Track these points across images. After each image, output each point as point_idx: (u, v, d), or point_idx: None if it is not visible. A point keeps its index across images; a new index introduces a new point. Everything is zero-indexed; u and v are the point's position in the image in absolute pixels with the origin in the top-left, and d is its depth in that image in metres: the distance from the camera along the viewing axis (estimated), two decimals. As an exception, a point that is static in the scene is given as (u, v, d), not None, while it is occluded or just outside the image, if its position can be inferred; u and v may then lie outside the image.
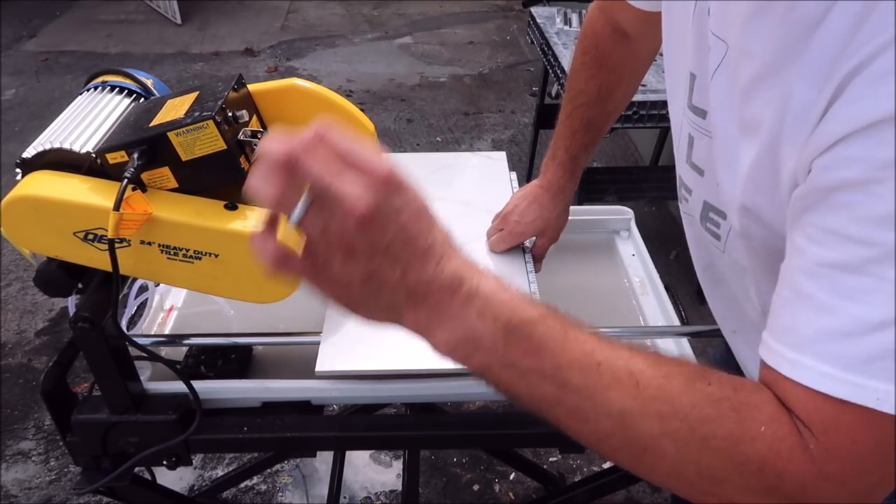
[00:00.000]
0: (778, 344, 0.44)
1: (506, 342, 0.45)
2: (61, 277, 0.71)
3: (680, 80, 0.67)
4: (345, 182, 0.38)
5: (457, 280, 0.44)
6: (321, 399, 0.85)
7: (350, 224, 0.39)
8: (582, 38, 0.92)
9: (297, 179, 0.39)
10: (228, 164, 0.67)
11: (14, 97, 3.55)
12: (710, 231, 0.70)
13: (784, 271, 0.45)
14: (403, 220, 0.41)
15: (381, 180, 0.39)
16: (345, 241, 0.40)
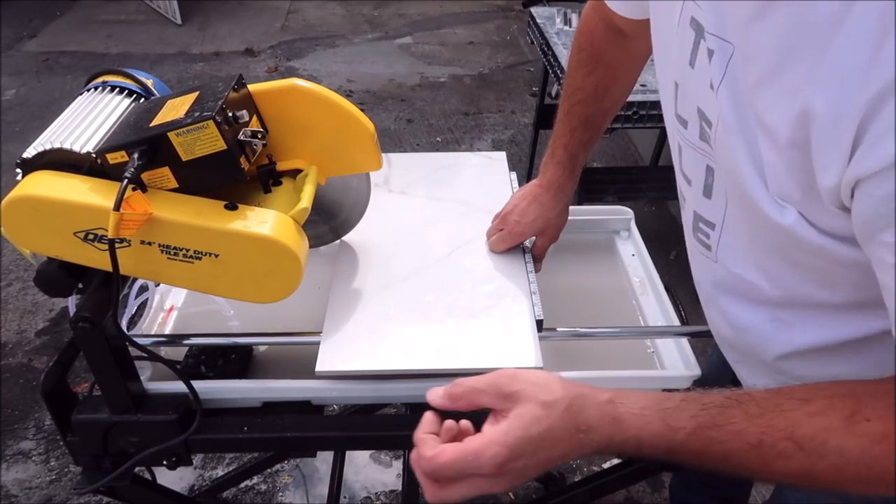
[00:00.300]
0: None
1: (670, 457, 0.54)
2: (61, 277, 0.71)
3: (668, 89, 0.67)
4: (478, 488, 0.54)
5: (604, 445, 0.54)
6: (321, 399, 0.85)
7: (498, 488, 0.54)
8: (578, 36, 0.92)
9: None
10: (229, 164, 0.67)
11: (14, 97, 3.55)
12: (701, 242, 0.70)
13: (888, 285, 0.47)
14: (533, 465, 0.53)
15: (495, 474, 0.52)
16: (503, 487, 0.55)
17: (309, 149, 0.77)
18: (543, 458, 0.53)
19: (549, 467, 0.54)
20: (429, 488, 0.55)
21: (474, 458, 0.52)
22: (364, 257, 0.96)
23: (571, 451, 0.54)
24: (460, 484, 0.53)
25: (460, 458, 0.52)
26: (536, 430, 0.52)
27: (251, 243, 0.67)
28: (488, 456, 0.51)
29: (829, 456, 0.49)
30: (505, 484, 0.53)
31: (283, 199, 0.74)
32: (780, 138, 0.50)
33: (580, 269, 1.11)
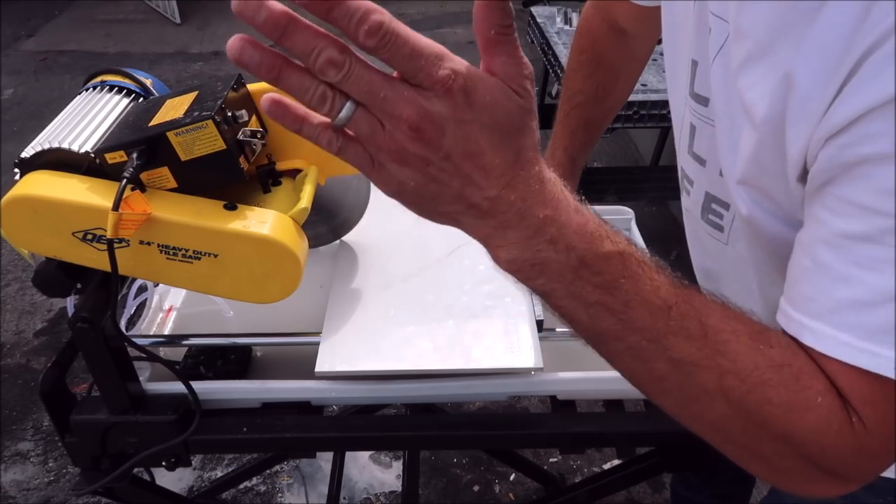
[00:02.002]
0: (798, 313, 0.44)
1: (576, 274, 0.42)
2: (60, 277, 0.70)
3: (681, 68, 0.67)
4: (395, 88, 0.36)
5: (529, 202, 0.40)
6: (321, 399, 0.85)
7: (399, 133, 0.37)
8: (578, 37, 0.91)
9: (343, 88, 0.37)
10: (228, 164, 0.67)
11: (13, 97, 3.54)
12: (712, 223, 0.69)
13: (803, 241, 0.46)
14: (466, 132, 0.37)
15: (441, 88, 0.36)
16: (395, 147, 0.38)
17: (308, 149, 0.77)
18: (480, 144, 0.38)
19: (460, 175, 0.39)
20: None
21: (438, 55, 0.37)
22: (364, 257, 0.96)
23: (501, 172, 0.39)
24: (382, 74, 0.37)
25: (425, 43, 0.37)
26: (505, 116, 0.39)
27: (250, 243, 0.67)
28: (453, 65, 0.37)
29: (723, 357, 0.43)
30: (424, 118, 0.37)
31: (282, 199, 0.74)
32: (756, 115, 0.49)
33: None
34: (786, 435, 0.43)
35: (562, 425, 0.84)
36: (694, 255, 0.79)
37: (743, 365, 0.43)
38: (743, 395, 0.43)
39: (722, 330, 0.44)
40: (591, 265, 0.42)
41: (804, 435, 0.43)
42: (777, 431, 0.43)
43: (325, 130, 0.40)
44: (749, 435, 0.45)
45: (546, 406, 0.88)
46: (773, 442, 0.44)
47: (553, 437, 0.85)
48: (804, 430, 0.43)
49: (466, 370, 0.81)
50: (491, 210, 0.40)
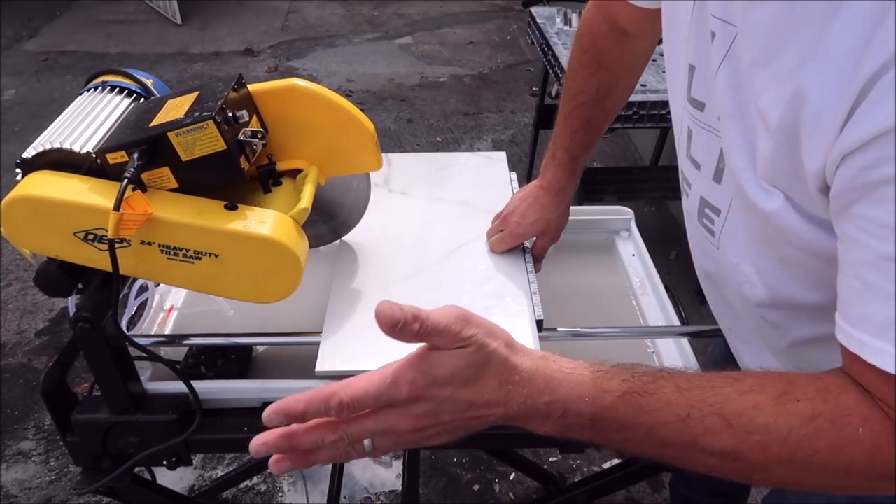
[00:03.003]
0: (858, 332, 0.46)
1: (595, 429, 0.51)
2: (61, 277, 0.71)
3: (680, 72, 0.67)
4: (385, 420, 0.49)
5: (530, 402, 0.50)
6: (321, 399, 0.85)
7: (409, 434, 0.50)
8: (579, 38, 0.91)
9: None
10: (228, 165, 0.67)
11: (14, 97, 3.55)
12: (706, 227, 0.70)
13: (847, 262, 0.48)
14: (453, 401, 0.49)
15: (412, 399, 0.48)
16: (416, 439, 0.51)
17: (309, 149, 0.77)
18: (468, 399, 0.49)
19: (468, 420, 0.50)
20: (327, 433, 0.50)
21: (392, 384, 0.48)
22: (364, 257, 0.96)
23: (496, 400, 0.49)
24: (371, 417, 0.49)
25: (377, 383, 0.48)
26: (467, 371, 0.49)
27: (251, 243, 0.67)
28: (407, 380, 0.48)
29: (756, 434, 0.47)
30: (410, 418, 0.49)
31: (283, 199, 0.74)
32: (770, 121, 0.50)
33: (580, 269, 1.11)
34: (847, 472, 0.47)
35: (561, 425, 0.84)
36: (695, 255, 0.79)
37: (778, 432, 0.47)
38: (791, 455, 0.47)
39: (744, 411, 0.48)
40: (602, 419, 0.50)
41: (862, 464, 0.46)
42: (838, 471, 0.47)
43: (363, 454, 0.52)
44: (819, 482, 0.49)
45: (546, 406, 0.88)
46: (841, 479, 0.48)
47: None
48: (859, 461, 0.46)
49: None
50: (507, 418, 0.51)
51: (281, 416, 0.50)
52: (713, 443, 0.48)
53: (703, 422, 0.48)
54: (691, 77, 0.64)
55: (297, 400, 0.49)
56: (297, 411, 0.49)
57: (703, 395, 0.49)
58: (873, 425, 0.46)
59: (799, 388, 0.48)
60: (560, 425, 0.51)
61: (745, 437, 0.47)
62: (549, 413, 0.50)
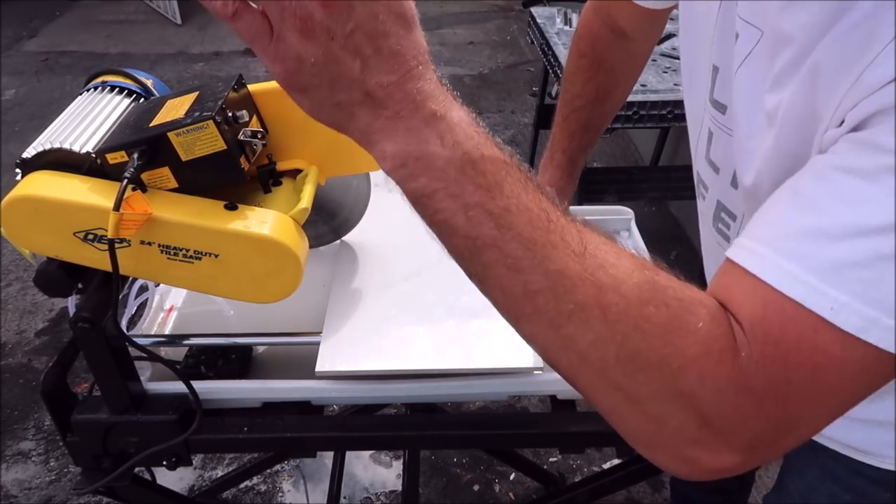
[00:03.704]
0: (749, 240, 0.42)
1: (459, 170, 0.40)
2: (61, 277, 0.71)
3: (701, 74, 0.65)
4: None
5: (424, 96, 0.40)
6: (321, 399, 0.85)
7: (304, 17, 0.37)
8: (577, 41, 0.91)
9: None
10: (228, 165, 0.67)
11: (14, 97, 3.55)
12: (720, 232, 0.70)
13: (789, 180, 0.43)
14: (375, 10, 0.37)
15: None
16: (301, 14, 0.37)
17: (309, 149, 0.77)
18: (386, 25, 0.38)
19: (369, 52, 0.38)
20: None
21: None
22: (364, 257, 0.96)
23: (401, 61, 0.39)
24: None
25: None
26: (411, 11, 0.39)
27: (251, 243, 0.67)
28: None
29: (603, 273, 0.40)
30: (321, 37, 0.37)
31: (283, 199, 0.74)
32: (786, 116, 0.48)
33: (580, 269, 1.11)
34: (661, 361, 0.40)
35: (562, 425, 0.84)
36: (705, 258, 0.79)
37: (624, 282, 0.40)
38: (621, 313, 0.40)
39: (605, 250, 0.41)
40: (476, 163, 0.40)
41: (683, 359, 0.39)
42: (653, 358, 0.40)
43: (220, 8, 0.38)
44: (623, 365, 0.41)
45: (546, 406, 0.89)
46: (648, 373, 0.40)
47: (553, 436, 0.85)
48: (682, 353, 0.39)
49: (466, 370, 0.81)
50: (386, 98, 0.39)
51: None
52: (558, 256, 0.40)
53: (562, 232, 0.41)
54: (714, 78, 0.62)
55: None
56: None
57: (575, 221, 0.42)
58: (715, 327, 0.40)
59: (664, 269, 0.43)
60: (422, 149, 0.40)
61: (591, 269, 0.40)
62: (427, 124, 0.40)
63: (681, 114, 1.79)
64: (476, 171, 0.40)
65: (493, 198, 0.40)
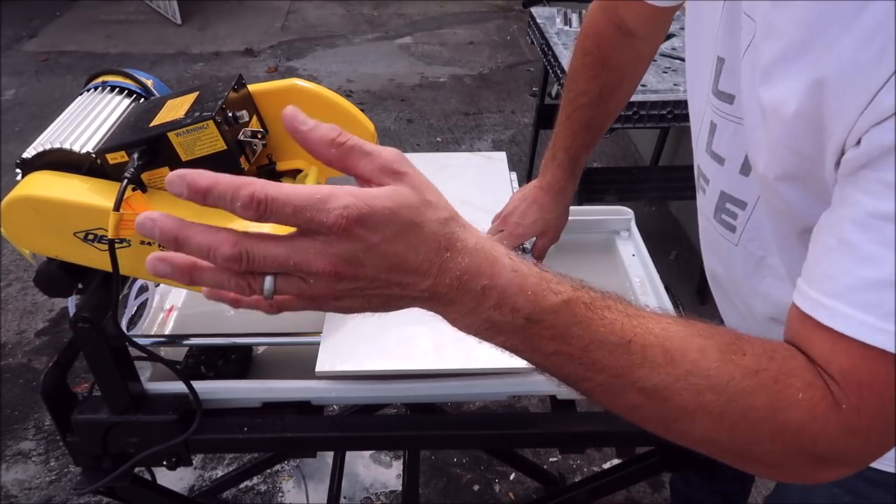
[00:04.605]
0: (817, 292, 0.44)
1: (527, 331, 0.44)
2: (61, 277, 0.71)
3: (705, 66, 0.66)
4: (300, 250, 0.38)
5: (467, 276, 0.42)
6: (321, 399, 0.85)
7: (323, 282, 0.40)
8: (583, 39, 0.91)
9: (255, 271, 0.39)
10: (229, 165, 0.67)
11: (14, 97, 3.55)
12: (724, 223, 0.70)
13: (830, 221, 0.45)
14: (380, 252, 0.39)
15: (338, 230, 0.37)
16: (326, 292, 0.41)
17: (309, 149, 0.77)
18: (398, 254, 0.39)
19: (389, 285, 0.41)
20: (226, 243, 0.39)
21: (322, 200, 0.37)
22: (364, 257, 0.96)
23: (427, 266, 0.41)
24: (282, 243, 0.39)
25: (306, 195, 0.37)
26: (407, 214, 0.39)
27: (251, 243, 0.67)
28: (340, 203, 0.37)
29: (695, 376, 0.44)
30: (329, 258, 0.38)
31: (283, 199, 0.74)
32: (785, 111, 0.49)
33: (580, 269, 1.10)
34: (775, 435, 0.44)
35: (561, 425, 0.84)
36: (705, 254, 0.79)
37: (717, 379, 0.44)
38: (724, 407, 0.44)
39: (688, 350, 0.44)
40: (539, 321, 0.43)
41: (793, 430, 0.44)
42: (765, 434, 0.44)
43: (261, 303, 0.44)
44: (738, 443, 0.45)
45: (546, 406, 0.89)
46: (763, 444, 0.45)
47: (553, 436, 0.86)
48: (792, 425, 0.44)
49: (466, 370, 0.81)
50: (433, 296, 0.43)
51: (184, 182, 0.38)
52: (648, 376, 0.44)
53: (643, 351, 0.44)
54: (720, 70, 0.63)
55: (207, 175, 0.38)
56: (201, 185, 0.38)
57: (649, 325, 0.45)
58: (814, 393, 0.43)
59: (747, 343, 0.46)
60: (487, 320, 0.43)
61: (683, 377, 0.44)
62: (481, 300, 0.42)
63: (681, 114, 1.79)
64: (542, 326, 0.44)
65: (568, 343, 0.44)
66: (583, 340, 0.44)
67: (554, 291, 0.44)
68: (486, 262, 0.42)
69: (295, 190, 0.38)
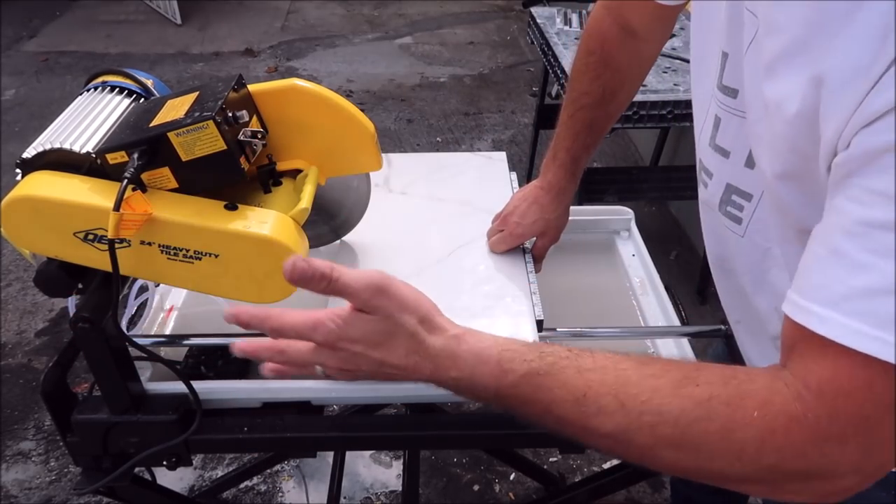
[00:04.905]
0: (807, 301, 0.45)
1: (497, 400, 0.55)
2: (61, 277, 0.71)
3: (710, 60, 0.67)
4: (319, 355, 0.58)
5: (437, 374, 0.56)
6: (321, 399, 0.85)
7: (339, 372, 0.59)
8: (587, 39, 0.91)
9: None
10: (229, 165, 0.67)
11: (14, 97, 3.55)
12: (729, 215, 0.70)
13: (819, 231, 0.46)
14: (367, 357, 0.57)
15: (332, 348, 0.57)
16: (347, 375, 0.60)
17: (309, 149, 0.77)
18: (377, 358, 0.56)
19: (385, 372, 0.57)
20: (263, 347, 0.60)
21: (313, 325, 0.55)
22: (364, 257, 0.96)
23: (405, 363, 0.56)
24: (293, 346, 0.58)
25: (301, 320, 0.56)
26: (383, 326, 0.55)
27: (251, 243, 0.67)
28: (327, 328, 0.55)
29: (647, 415, 0.48)
30: (336, 359, 0.57)
31: (283, 199, 0.74)
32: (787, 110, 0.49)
33: (580, 269, 1.11)
34: (738, 455, 0.46)
35: (561, 425, 0.84)
36: (709, 244, 0.79)
37: (669, 414, 0.47)
38: (680, 438, 0.47)
39: (640, 392, 0.49)
40: (505, 395, 0.55)
41: (754, 447, 0.45)
42: (729, 456, 0.46)
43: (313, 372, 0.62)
44: (709, 469, 0.48)
45: (546, 406, 0.88)
46: (733, 465, 0.47)
47: (553, 436, 0.85)
48: (750, 443, 0.45)
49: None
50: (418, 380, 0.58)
51: (233, 318, 0.57)
52: (604, 423, 0.50)
53: (597, 401, 0.50)
54: (724, 64, 0.64)
55: (243, 312, 0.57)
56: (242, 321, 0.58)
57: (603, 377, 0.51)
58: (769, 409, 0.45)
59: (703, 373, 0.48)
60: (469, 394, 0.57)
61: (636, 417, 0.48)
62: (457, 385, 0.56)
63: (681, 114, 1.79)
64: (508, 396, 0.55)
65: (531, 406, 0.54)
66: (543, 403, 0.53)
67: (510, 371, 0.54)
68: (450, 361, 0.56)
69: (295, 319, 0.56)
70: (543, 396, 0.52)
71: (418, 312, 0.56)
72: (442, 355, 0.56)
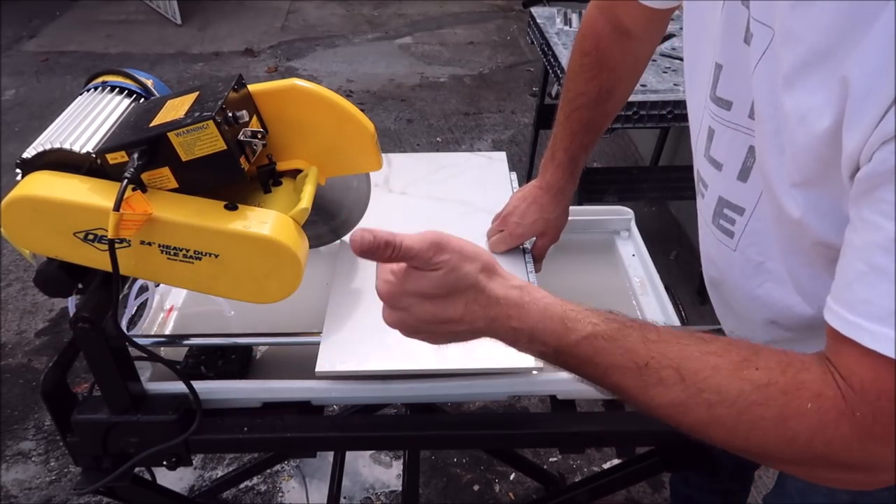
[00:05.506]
0: (856, 316, 0.46)
1: (557, 358, 0.55)
2: (61, 278, 0.71)
3: (703, 71, 0.66)
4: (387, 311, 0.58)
5: (496, 323, 0.55)
6: (321, 399, 0.85)
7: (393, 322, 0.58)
8: (581, 40, 0.91)
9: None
10: (229, 165, 0.67)
11: (14, 97, 3.55)
12: (722, 228, 0.70)
13: (856, 244, 0.47)
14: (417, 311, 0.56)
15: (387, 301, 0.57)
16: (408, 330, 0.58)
17: (309, 149, 0.77)
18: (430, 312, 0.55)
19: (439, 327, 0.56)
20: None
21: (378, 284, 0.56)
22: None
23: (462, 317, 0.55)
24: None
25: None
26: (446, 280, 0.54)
27: (251, 243, 0.67)
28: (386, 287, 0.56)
29: (706, 392, 0.49)
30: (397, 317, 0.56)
31: (283, 199, 0.74)
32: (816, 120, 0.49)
33: (580, 269, 1.11)
34: (788, 442, 0.48)
35: (562, 425, 0.84)
36: (703, 258, 0.79)
37: (728, 394, 0.49)
38: (735, 419, 0.49)
39: (700, 369, 0.50)
40: (564, 352, 0.55)
41: (805, 437, 0.47)
42: (778, 441, 0.48)
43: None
44: (757, 449, 0.50)
45: (546, 406, 0.89)
46: (781, 449, 0.48)
47: (553, 436, 0.86)
48: (802, 433, 0.47)
49: (466, 370, 0.81)
50: (476, 332, 0.57)
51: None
52: (662, 394, 0.51)
53: (658, 373, 0.51)
54: (717, 76, 0.63)
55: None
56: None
57: (666, 349, 0.51)
58: (823, 402, 0.46)
59: (762, 357, 0.49)
60: (527, 348, 0.56)
61: (695, 394, 0.49)
62: (515, 336, 0.56)
63: (681, 114, 1.79)
64: (567, 355, 0.55)
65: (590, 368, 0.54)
66: (602, 366, 0.53)
67: (573, 330, 0.54)
68: (514, 309, 0.55)
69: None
70: (603, 360, 0.53)
71: (480, 260, 0.55)
72: (503, 303, 0.55)
